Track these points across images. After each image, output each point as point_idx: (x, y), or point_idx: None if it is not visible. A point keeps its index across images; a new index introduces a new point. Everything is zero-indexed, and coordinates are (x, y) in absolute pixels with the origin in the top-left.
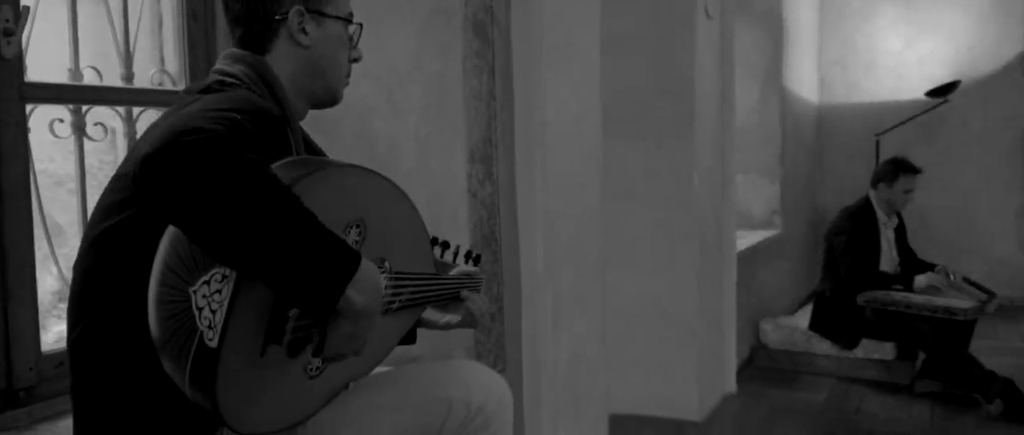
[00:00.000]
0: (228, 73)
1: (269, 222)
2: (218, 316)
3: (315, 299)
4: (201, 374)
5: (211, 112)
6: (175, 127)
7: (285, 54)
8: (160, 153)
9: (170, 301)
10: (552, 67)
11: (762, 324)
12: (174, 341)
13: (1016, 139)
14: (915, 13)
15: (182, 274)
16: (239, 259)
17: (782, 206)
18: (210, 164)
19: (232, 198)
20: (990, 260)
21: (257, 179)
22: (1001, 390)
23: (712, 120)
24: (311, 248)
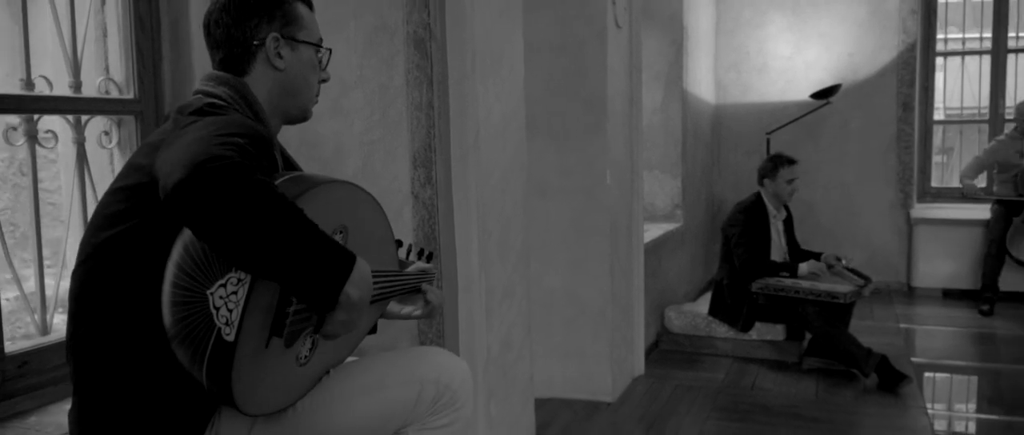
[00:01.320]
0: (213, 94)
1: (283, 234)
2: (235, 314)
3: (320, 295)
4: (219, 363)
5: (220, 136)
6: (198, 155)
7: (262, 76)
8: (191, 180)
9: (184, 302)
10: (482, 77)
11: (667, 311)
12: (190, 335)
13: (890, 138)
14: (802, 22)
15: (198, 278)
16: (259, 266)
17: (683, 200)
18: (234, 189)
19: (254, 216)
20: (869, 248)
21: (271, 199)
22: (877, 365)
23: (622, 121)
24: (316, 253)
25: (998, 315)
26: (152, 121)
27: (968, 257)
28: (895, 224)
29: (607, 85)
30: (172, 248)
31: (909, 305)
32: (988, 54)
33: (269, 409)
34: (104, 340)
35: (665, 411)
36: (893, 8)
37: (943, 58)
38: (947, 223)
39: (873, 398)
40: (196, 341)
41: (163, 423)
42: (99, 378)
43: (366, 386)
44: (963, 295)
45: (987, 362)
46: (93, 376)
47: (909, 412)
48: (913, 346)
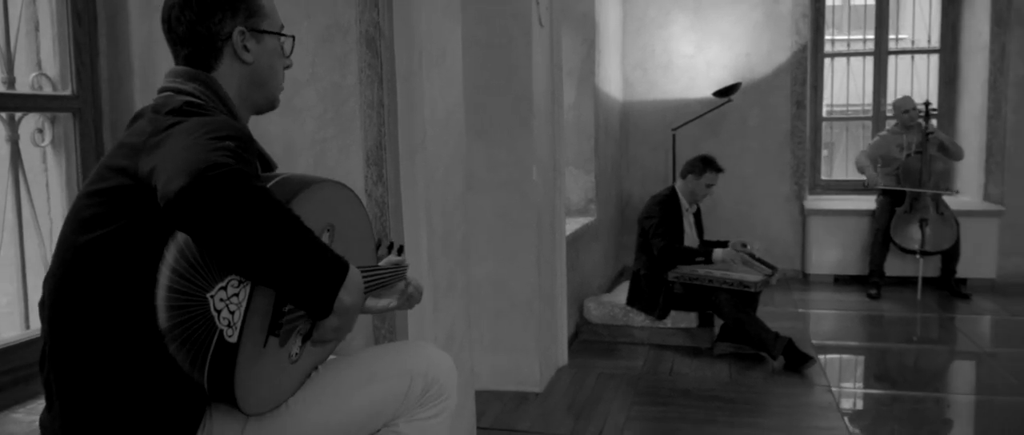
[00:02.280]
0: (184, 91)
1: (282, 243)
2: (237, 316)
3: (316, 302)
4: (221, 364)
5: (213, 141)
6: (197, 163)
7: (230, 70)
8: (193, 188)
9: (182, 305)
10: (428, 74)
11: (586, 302)
12: (190, 338)
13: (784, 134)
14: (703, 23)
15: (196, 281)
16: (258, 273)
17: (597, 195)
18: (236, 198)
19: (255, 226)
20: (767, 238)
21: (271, 207)
22: (783, 348)
23: (545, 117)
24: (313, 262)
25: (884, 298)
26: (90, 118)
27: (856, 245)
28: (790, 215)
29: (533, 82)
30: (164, 252)
31: (805, 291)
32: (871, 55)
33: (266, 407)
34: (90, 345)
35: (591, 399)
36: (786, 11)
37: (830, 59)
38: (837, 214)
39: (781, 379)
40: (197, 343)
41: (156, 425)
42: (86, 383)
43: (357, 381)
44: (852, 280)
45: (875, 342)
46: (80, 382)
47: (814, 390)
48: (811, 329)
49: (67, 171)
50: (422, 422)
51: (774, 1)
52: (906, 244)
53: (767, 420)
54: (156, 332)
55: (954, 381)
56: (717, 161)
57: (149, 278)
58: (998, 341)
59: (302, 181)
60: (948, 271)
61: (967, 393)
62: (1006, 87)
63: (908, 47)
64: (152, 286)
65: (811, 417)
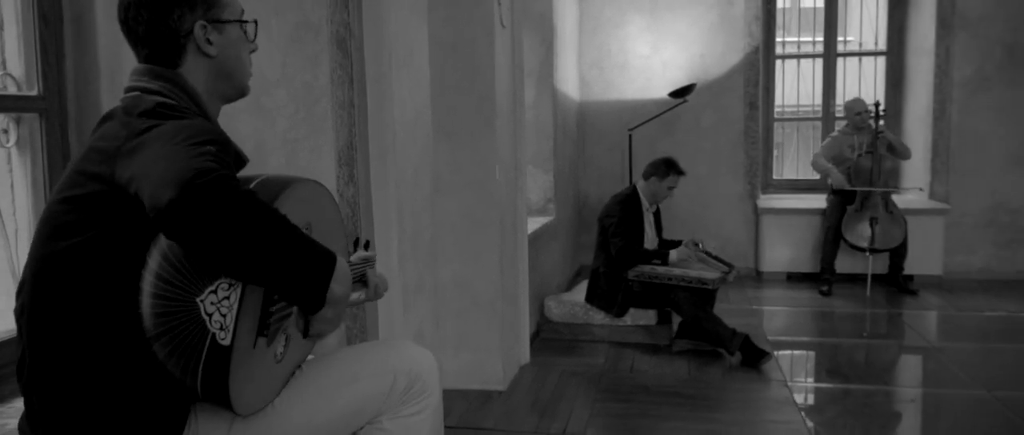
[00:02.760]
0: (152, 90)
1: (274, 243)
2: (229, 318)
3: (310, 296)
4: (215, 368)
5: (191, 146)
6: (184, 172)
7: (195, 65)
8: (184, 199)
9: (170, 312)
10: (397, 75)
11: (546, 301)
12: (180, 344)
13: (738, 134)
14: (659, 23)
15: (183, 287)
16: (252, 275)
17: (555, 195)
18: (226, 205)
19: (247, 230)
20: (721, 237)
21: (259, 210)
22: (740, 344)
23: (507, 118)
24: (304, 257)
25: (836, 295)
26: (57, 119)
27: (808, 243)
28: (743, 214)
29: (496, 83)
30: (146, 258)
31: (758, 288)
32: (820, 57)
33: (256, 408)
34: (72, 352)
35: (554, 396)
36: (739, 13)
37: (781, 61)
38: (789, 212)
39: (738, 374)
40: (188, 348)
41: (142, 430)
42: (69, 391)
43: (341, 379)
44: (804, 278)
45: (827, 337)
46: (62, 389)
47: (771, 385)
48: (765, 326)
49: (33, 172)
50: (405, 419)
51: (728, 3)
52: (856, 242)
53: (726, 415)
54: (140, 338)
55: (903, 375)
56: (679, 164)
57: (131, 285)
58: (944, 336)
59: (281, 181)
60: (896, 268)
61: (915, 386)
62: (951, 88)
63: (856, 49)
64: (136, 293)
65: (769, 411)
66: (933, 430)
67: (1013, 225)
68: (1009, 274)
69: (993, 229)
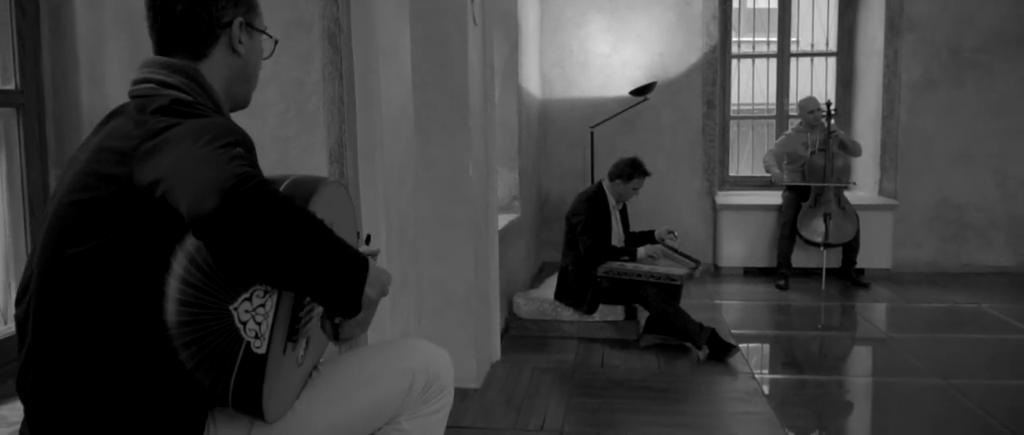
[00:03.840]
0: (169, 84)
1: (314, 249)
2: (264, 326)
3: (347, 301)
4: (249, 376)
5: (221, 149)
6: (223, 180)
7: (221, 61)
8: (227, 208)
9: (199, 320)
10: (384, 71)
11: (515, 298)
12: (211, 353)
13: (696, 132)
14: (619, 23)
15: (215, 293)
16: (294, 281)
17: (520, 192)
18: (268, 211)
19: (288, 234)
20: (680, 232)
21: (297, 213)
22: (707, 338)
23: (479, 115)
24: (341, 262)
25: (792, 289)
26: (35, 114)
27: (764, 239)
28: (702, 210)
29: (469, 80)
30: (170, 261)
31: (717, 283)
32: (774, 57)
33: (282, 412)
34: (84, 363)
35: (529, 392)
36: (697, 13)
37: (736, 60)
38: (746, 209)
39: (707, 368)
40: (220, 357)
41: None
42: (80, 401)
43: (361, 380)
44: (760, 272)
45: (783, 330)
46: (71, 399)
47: (739, 377)
48: (726, 320)
49: (10, 168)
50: (424, 419)
51: (686, 3)
52: (811, 237)
53: (698, 407)
54: (164, 345)
55: (861, 365)
56: (644, 164)
57: (155, 290)
58: (897, 327)
59: (310, 183)
60: (849, 262)
61: (873, 376)
62: (899, 89)
63: (808, 50)
64: (159, 298)
65: (739, 403)
66: (895, 417)
67: (958, 220)
68: (954, 267)
69: (939, 224)
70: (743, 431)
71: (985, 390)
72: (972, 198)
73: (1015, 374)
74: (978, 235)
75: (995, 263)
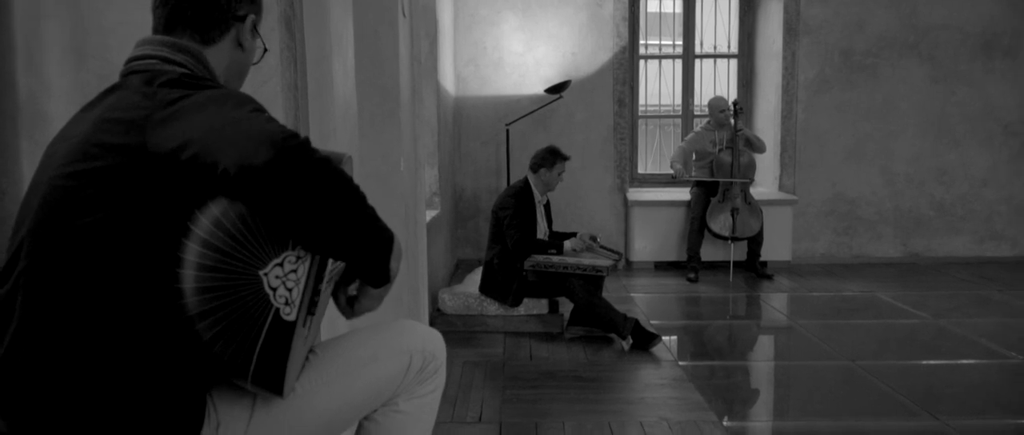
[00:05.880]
0: (176, 62)
1: (355, 209)
2: (295, 293)
3: (379, 269)
4: (276, 343)
5: (255, 112)
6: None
7: (226, 51)
8: (281, 159)
9: (224, 286)
10: (334, 57)
11: (440, 293)
12: (236, 320)
13: (608, 130)
14: (532, 23)
15: (243, 258)
16: (334, 241)
17: (440, 188)
18: (318, 167)
19: (335, 192)
20: (593, 227)
21: (341, 175)
22: (631, 329)
23: (409, 110)
24: (375, 228)
25: (701, 281)
26: None
27: (673, 233)
28: (614, 206)
29: (400, 74)
30: (190, 227)
31: (630, 277)
32: (680, 58)
33: (291, 391)
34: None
35: (463, 386)
36: (608, 14)
37: (644, 61)
38: (656, 204)
39: (631, 357)
40: (246, 325)
41: (161, 426)
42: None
43: (360, 360)
44: (671, 266)
45: (693, 320)
46: (67, 382)
47: (663, 364)
48: (642, 311)
49: None
50: (421, 399)
51: (597, 4)
52: (719, 230)
53: (630, 394)
54: (178, 315)
55: (773, 350)
56: (562, 150)
57: (168, 257)
58: (803, 314)
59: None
60: (754, 255)
61: (775, 360)
62: (797, 89)
63: (711, 52)
64: (173, 265)
65: (668, 389)
66: (813, 396)
67: (850, 214)
68: (847, 258)
69: (833, 218)
70: (673, 415)
71: (885, 369)
72: (863, 193)
73: (912, 354)
74: (869, 228)
75: (884, 254)
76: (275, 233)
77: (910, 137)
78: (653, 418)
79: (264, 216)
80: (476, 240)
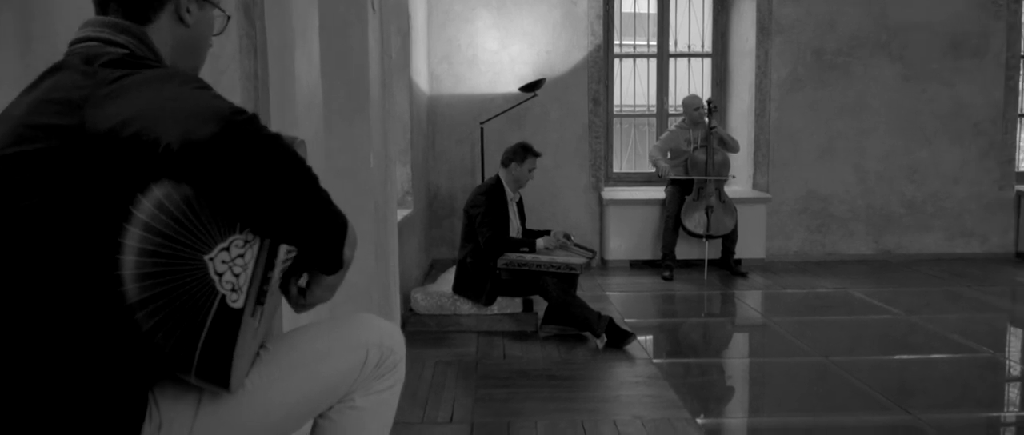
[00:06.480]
0: (117, 43)
1: (305, 189)
2: (242, 279)
3: (332, 255)
4: (222, 333)
5: (199, 89)
6: (219, 109)
7: (166, 29)
8: (226, 134)
9: (166, 272)
10: (297, 47)
11: (413, 293)
12: (178, 308)
13: (583, 128)
14: (507, 20)
15: (187, 242)
16: (283, 223)
17: (413, 186)
18: (266, 143)
19: (284, 170)
20: (568, 225)
21: (292, 153)
22: (606, 327)
23: (379, 106)
24: (327, 211)
25: (676, 279)
26: None
27: (648, 232)
28: (589, 204)
29: (369, 69)
30: (132, 211)
31: (605, 276)
32: (654, 57)
33: (240, 386)
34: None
35: (435, 386)
36: (582, 12)
37: (619, 60)
38: (631, 203)
39: (606, 355)
40: (189, 313)
41: (98, 422)
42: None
43: (314, 355)
44: (646, 264)
45: (668, 318)
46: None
47: (638, 362)
48: (617, 310)
49: None
50: (378, 395)
51: (572, 2)
52: (694, 229)
53: (604, 392)
54: (117, 304)
55: (747, 347)
56: (533, 146)
57: (107, 242)
58: (777, 311)
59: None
60: (728, 253)
61: (749, 357)
62: (770, 88)
63: (685, 51)
64: (113, 251)
65: (642, 387)
66: (787, 392)
67: (823, 212)
68: (820, 255)
69: (806, 215)
70: (647, 413)
71: (859, 365)
72: (836, 191)
73: (885, 349)
74: (841, 226)
75: (857, 251)
76: (221, 215)
77: (882, 135)
78: (627, 416)
79: (210, 196)
80: (451, 240)
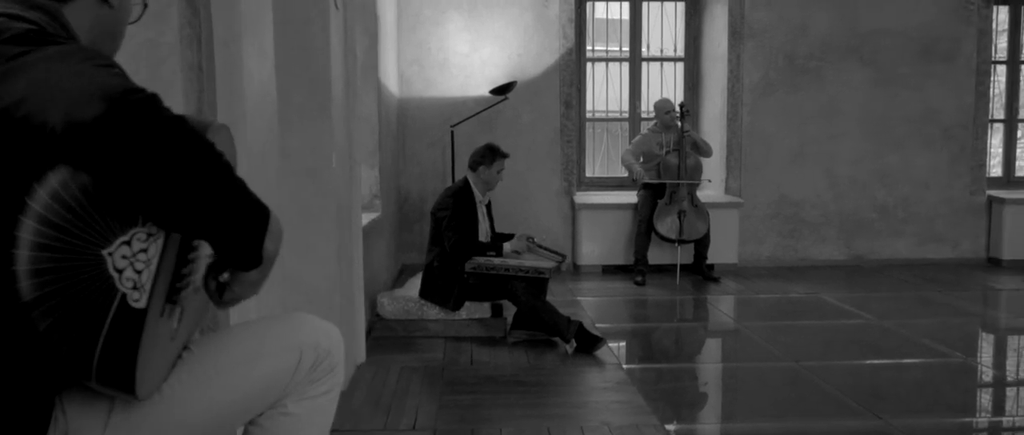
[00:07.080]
0: (26, 19)
1: (211, 176)
2: (144, 276)
3: (248, 249)
4: (123, 335)
5: (99, 67)
6: (110, 87)
7: (86, 8)
8: (115, 114)
9: (61, 268)
10: (247, 40)
11: (379, 297)
12: (72, 305)
13: (555, 132)
14: (478, 23)
15: (84, 236)
16: (186, 214)
17: (381, 190)
18: (163, 124)
19: (184, 154)
20: (539, 229)
21: (196, 135)
22: (575, 332)
23: (342, 105)
24: (241, 200)
25: (649, 284)
26: None
27: (621, 237)
28: (561, 209)
29: (331, 67)
30: (27, 202)
31: (577, 280)
32: (626, 61)
33: (150, 389)
34: None
35: (398, 392)
36: (554, 16)
37: (591, 64)
38: (603, 208)
39: (575, 360)
40: (87, 312)
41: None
42: None
43: (241, 357)
44: (618, 269)
45: (641, 323)
46: None
47: (607, 368)
48: (588, 315)
49: None
50: (312, 401)
51: (543, 5)
52: (667, 233)
53: (572, 398)
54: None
55: (719, 352)
56: (501, 147)
57: (4, 236)
58: (749, 316)
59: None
60: (700, 257)
61: (721, 362)
62: (742, 92)
63: (658, 55)
64: (9, 246)
65: (611, 393)
66: (759, 398)
67: (795, 217)
68: (792, 260)
69: (778, 220)
70: (615, 419)
71: (831, 369)
72: (808, 196)
73: (857, 354)
74: (813, 231)
75: (828, 257)
76: (121, 206)
77: (853, 140)
78: (595, 422)
79: (105, 185)
80: (422, 244)
